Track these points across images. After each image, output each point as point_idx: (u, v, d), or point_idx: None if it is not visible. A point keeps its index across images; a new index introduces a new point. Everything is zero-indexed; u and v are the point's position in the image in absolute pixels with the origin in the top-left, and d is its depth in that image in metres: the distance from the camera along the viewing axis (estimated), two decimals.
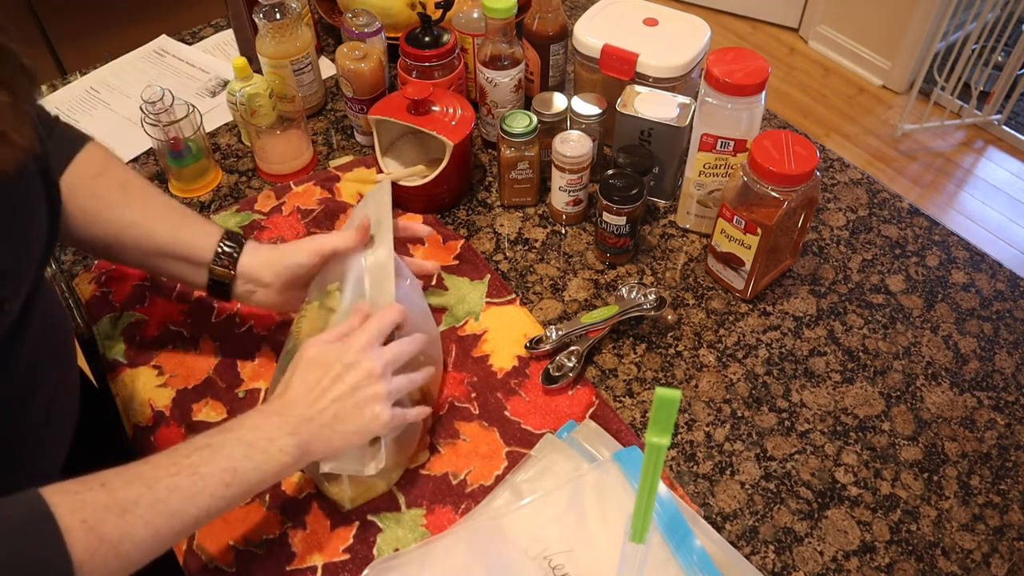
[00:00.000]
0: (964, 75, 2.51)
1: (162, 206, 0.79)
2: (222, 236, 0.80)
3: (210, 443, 0.62)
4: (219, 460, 0.61)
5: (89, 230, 0.77)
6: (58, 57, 1.98)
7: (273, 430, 0.64)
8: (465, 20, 1.12)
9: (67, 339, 0.74)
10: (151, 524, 0.57)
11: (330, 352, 0.69)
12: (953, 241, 1.02)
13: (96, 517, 0.54)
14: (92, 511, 0.55)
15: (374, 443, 0.71)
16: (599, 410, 0.83)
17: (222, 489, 0.60)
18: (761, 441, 0.82)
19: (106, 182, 0.77)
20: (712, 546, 0.72)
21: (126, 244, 0.78)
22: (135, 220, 0.78)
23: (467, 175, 1.07)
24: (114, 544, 0.55)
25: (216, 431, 0.64)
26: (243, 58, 1.05)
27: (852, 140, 2.68)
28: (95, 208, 0.77)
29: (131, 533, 0.56)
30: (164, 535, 0.58)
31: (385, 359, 0.69)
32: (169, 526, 0.58)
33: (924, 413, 0.85)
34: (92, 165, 0.78)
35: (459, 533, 0.73)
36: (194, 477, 0.59)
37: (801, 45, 3.03)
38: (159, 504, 0.57)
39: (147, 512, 0.57)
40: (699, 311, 0.94)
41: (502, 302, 0.93)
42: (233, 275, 0.79)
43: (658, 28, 1.06)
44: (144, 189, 0.80)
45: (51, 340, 0.69)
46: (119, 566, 0.56)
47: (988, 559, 0.74)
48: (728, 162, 0.93)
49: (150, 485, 0.58)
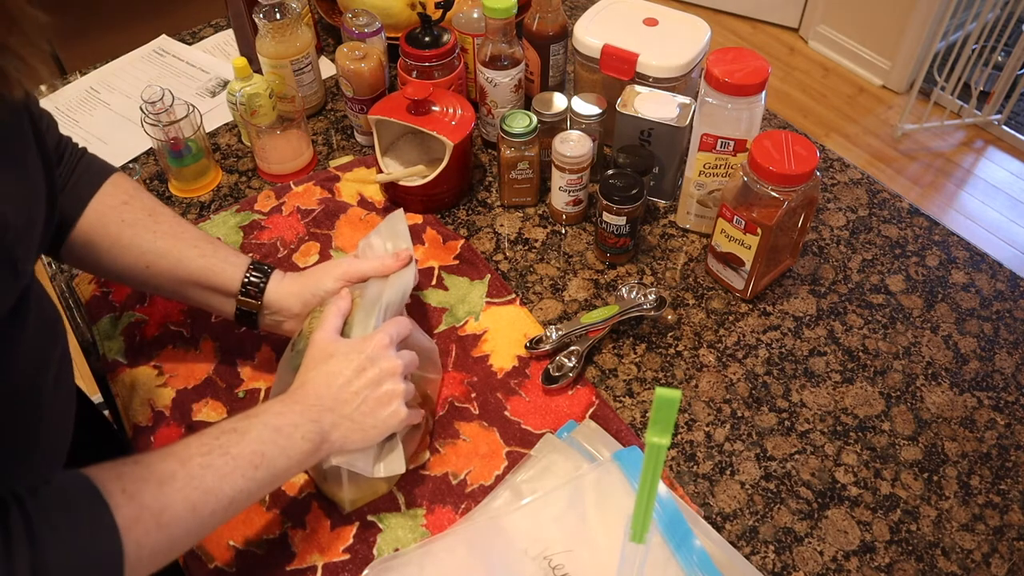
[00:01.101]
0: (964, 75, 2.51)
1: (191, 235, 0.80)
2: (248, 266, 0.80)
3: (236, 427, 0.63)
4: (248, 443, 0.62)
5: (122, 260, 0.78)
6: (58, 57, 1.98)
7: (296, 416, 0.65)
8: (465, 20, 1.12)
9: (58, 321, 0.74)
10: (189, 498, 0.58)
11: (351, 346, 0.70)
12: (953, 241, 1.02)
13: (135, 487, 0.56)
14: (131, 481, 0.56)
15: (386, 443, 0.72)
16: (599, 410, 0.83)
17: (252, 471, 0.61)
18: (761, 441, 0.82)
19: (133, 211, 0.78)
20: (712, 546, 0.72)
21: (158, 273, 0.78)
22: (167, 249, 0.78)
23: (467, 175, 1.07)
24: (156, 513, 0.56)
25: (241, 416, 0.65)
26: (243, 58, 1.05)
27: (852, 140, 2.68)
28: (128, 237, 0.77)
29: (170, 505, 0.57)
30: (201, 513, 0.59)
31: (405, 360, 0.72)
32: (205, 503, 0.59)
33: (924, 413, 0.85)
34: (120, 193, 0.79)
35: (459, 533, 0.73)
36: (225, 457, 0.60)
37: (801, 45, 3.03)
38: (194, 480, 0.58)
39: (184, 486, 0.58)
40: (699, 311, 0.94)
41: (502, 302, 0.93)
42: (259, 305, 0.80)
43: (658, 28, 1.06)
44: (172, 217, 0.81)
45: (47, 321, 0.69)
46: (161, 539, 0.56)
47: (988, 559, 0.74)
48: (728, 162, 0.93)
49: (183, 461, 0.59)
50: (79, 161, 0.78)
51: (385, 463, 0.72)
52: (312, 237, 1.01)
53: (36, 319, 0.65)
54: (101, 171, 0.79)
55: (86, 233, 0.77)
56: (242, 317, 0.81)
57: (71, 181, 0.77)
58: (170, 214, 0.81)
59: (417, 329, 0.81)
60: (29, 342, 0.64)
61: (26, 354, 0.63)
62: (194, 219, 1.04)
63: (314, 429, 0.65)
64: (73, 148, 0.78)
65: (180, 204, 1.06)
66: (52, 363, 0.68)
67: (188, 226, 0.81)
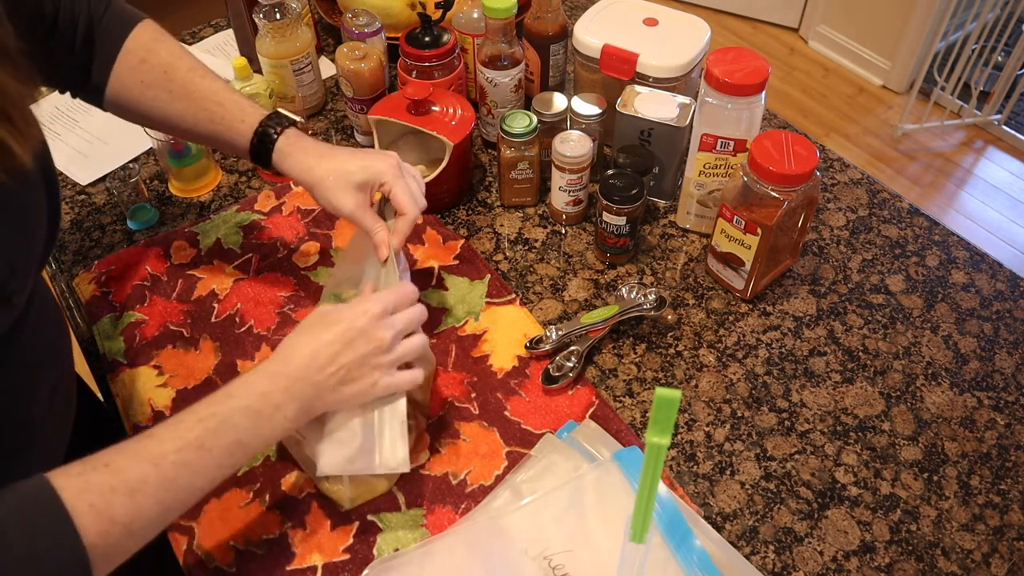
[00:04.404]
0: (964, 75, 2.51)
1: (202, 93, 0.81)
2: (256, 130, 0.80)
3: (215, 412, 0.61)
4: (225, 433, 0.61)
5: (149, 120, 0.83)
6: None
7: (280, 396, 0.64)
8: (465, 20, 1.12)
9: (63, 334, 0.74)
10: (161, 501, 0.57)
11: (343, 313, 0.68)
12: (953, 241, 1.02)
13: (104, 500, 0.54)
14: (99, 494, 0.54)
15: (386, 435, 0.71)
16: (599, 410, 0.83)
17: (227, 459, 0.61)
18: (761, 441, 0.82)
19: (152, 70, 0.79)
20: (712, 546, 0.72)
21: (182, 132, 0.84)
22: (181, 113, 0.80)
23: (467, 175, 1.07)
24: (126, 525, 0.55)
25: (221, 397, 0.62)
26: (243, 58, 1.05)
27: (852, 140, 2.68)
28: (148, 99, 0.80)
29: (141, 514, 0.56)
30: (173, 509, 0.58)
31: (397, 327, 0.70)
32: (177, 500, 0.58)
33: (924, 413, 0.85)
34: (139, 50, 0.79)
35: (459, 533, 0.73)
36: (200, 451, 0.59)
37: (801, 45, 3.03)
38: (167, 482, 0.57)
39: (156, 491, 0.57)
40: (699, 311, 0.94)
41: (502, 302, 0.93)
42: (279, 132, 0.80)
43: (658, 28, 1.06)
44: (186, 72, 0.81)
45: (49, 335, 0.69)
46: (132, 545, 0.56)
47: (988, 559, 0.74)
48: (728, 162, 0.93)
49: (156, 463, 0.57)
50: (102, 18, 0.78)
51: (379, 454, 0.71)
52: (312, 237, 1.01)
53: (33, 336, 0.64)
54: (122, 26, 0.79)
55: (116, 97, 0.80)
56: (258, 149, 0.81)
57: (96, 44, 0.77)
58: (185, 67, 0.81)
59: None
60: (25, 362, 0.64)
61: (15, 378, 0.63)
62: (194, 219, 1.04)
63: (296, 407, 0.64)
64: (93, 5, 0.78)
65: (180, 204, 1.06)
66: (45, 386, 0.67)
67: (199, 81, 0.81)
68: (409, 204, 0.78)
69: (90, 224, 1.04)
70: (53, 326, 0.71)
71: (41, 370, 0.67)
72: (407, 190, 0.79)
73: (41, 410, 0.68)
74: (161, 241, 1.00)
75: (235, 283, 0.95)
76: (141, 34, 0.80)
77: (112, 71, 0.78)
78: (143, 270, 0.97)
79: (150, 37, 0.81)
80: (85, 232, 1.03)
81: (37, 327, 0.65)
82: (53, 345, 0.71)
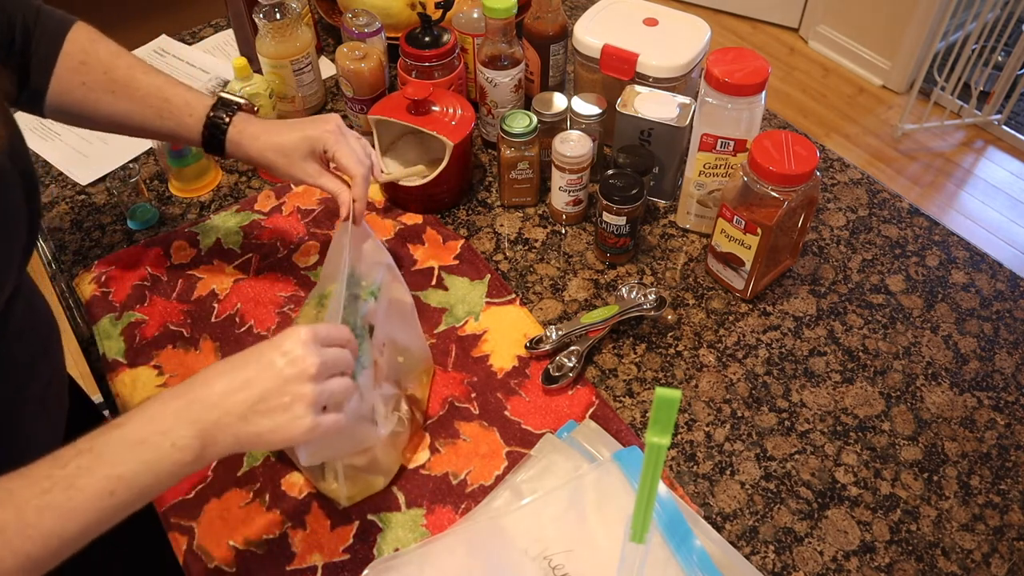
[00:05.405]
0: (964, 75, 2.51)
1: (146, 90, 0.80)
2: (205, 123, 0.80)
3: (92, 446, 0.53)
4: (101, 467, 0.53)
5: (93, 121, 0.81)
6: None
7: (170, 420, 0.55)
8: (465, 20, 1.12)
9: (54, 333, 0.74)
10: (22, 550, 0.50)
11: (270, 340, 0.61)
12: (953, 241, 1.02)
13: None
14: None
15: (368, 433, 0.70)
16: (599, 410, 0.83)
17: (106, 499, 0.52)
18: (761, 441, 0.82)
19: (91, 71, 0.78)
20: (712, 546, 0.72)
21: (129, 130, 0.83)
22: (127, 112, 0.80)
23: (467, 175, 1.07)
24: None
25: (106, 427, 0.55)
26: (243, 58, 1.05)
27: (852, 140, 2.68)
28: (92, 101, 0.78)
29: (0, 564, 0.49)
30: (40, 559, 0.51)
31: (324, 358, 0.60)
32: (45, 547, 0.51)
33: (924, 413, 0.85)
34: (77, 52, 0.78)
35: (459, 533, 0.73)
36: (70, 491, 0.51)
37: (801, 45, 3.03)
38: (29, 529, 0.50)
39: (15, 538, 0.49)
40: (699, 311, 0.94)
41: (502, 302, 0.93)
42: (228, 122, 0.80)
43: (658, 28, 1.06)
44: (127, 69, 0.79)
45: (39, 334, 0.69)
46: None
47: (988, 559, 0.74)
48: (728, 162, 0.93)
49: (19, 507, 0.50)
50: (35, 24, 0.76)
51: None
52: (312, 237, 1.01)
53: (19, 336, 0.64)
54: (57, 29, 0.77)
55: (57, 102, 0.77)
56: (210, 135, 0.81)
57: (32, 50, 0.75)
58: (125, 66, 0.79)
59: (404, 329, 0.81)
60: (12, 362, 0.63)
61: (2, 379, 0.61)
62: (194, 219, 1.04)
63: (190, 433, 0.55)
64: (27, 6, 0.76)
65: (180, 204, 1.06)
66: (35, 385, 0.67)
67: (141, 78, 0.80)
68: (353, 165, 0.80)
69: (90, 224, 1.04)
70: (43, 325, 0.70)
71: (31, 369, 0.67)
72: (351, 153, 0.80)
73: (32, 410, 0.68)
74: (161, 241, 1.00)
75: (235, 283, 0.95)
76: (78, 36, 0.78)
77: (52, 75, 0.76)
78: (143, 270, 0.97)
79: (87, 38, 0.79)
80: (85, 232, 1.03)
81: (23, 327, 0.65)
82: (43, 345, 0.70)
